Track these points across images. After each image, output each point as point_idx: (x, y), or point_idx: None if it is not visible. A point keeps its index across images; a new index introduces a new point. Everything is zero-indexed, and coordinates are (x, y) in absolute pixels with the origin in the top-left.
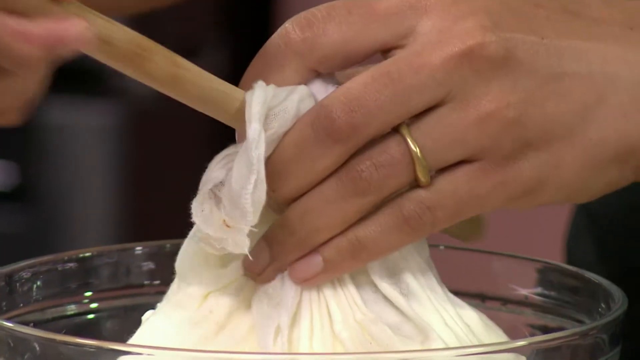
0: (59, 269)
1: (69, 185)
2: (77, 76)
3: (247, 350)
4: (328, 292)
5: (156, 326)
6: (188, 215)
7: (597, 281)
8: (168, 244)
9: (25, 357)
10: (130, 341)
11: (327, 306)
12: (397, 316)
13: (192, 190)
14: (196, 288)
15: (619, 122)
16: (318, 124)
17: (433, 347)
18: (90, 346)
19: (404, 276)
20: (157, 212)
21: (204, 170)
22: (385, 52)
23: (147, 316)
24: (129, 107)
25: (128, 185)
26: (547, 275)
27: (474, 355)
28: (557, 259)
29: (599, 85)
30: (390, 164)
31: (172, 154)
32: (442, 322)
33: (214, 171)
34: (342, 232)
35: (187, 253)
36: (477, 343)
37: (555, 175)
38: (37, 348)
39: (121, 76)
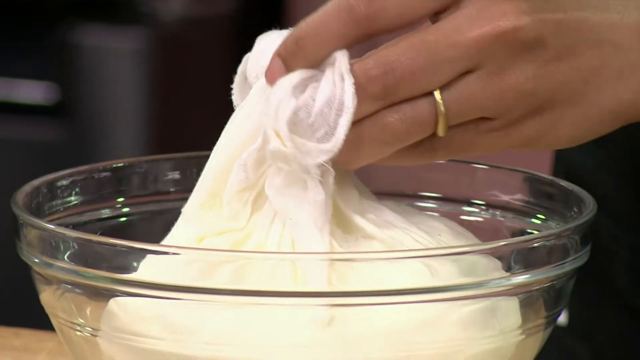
0: (95, 177)
1: (104, 102)
2: (111, 4)
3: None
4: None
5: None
6: (208, 130)
7: (570, 188)
8: (191, 155)
9: (66, 255)
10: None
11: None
12: (372, 246)
13: (212, 107)
14: (194, 230)
15: (616, 85)
16: (357, 80)
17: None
18: (122, 246)
19: (369, 216)
20: (182, 127)
21: (224, 91)
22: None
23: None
24: (157, 31)
25: (156, 103)
26: (525, 183)
27: (456, 255)
28: (545, 168)
29: (605, 52)
30: (417, 120)
31: (195, 74)
32: (412, 240)
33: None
34: None
35: (195, 200)
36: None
37: (552, 132)
38: (76, 247)
39: (150, 4)
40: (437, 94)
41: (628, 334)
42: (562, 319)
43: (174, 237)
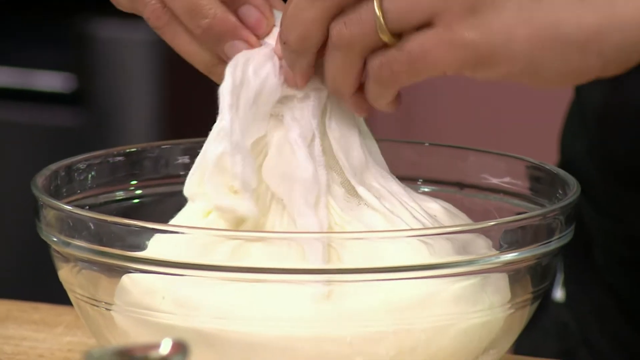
0: (110, 161)
1: (118, 91)
2: None
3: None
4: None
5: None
6: (216, 116)
7: (555, 172)
8: (200, 141)
9: (82, 234)
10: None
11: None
12: (372, 217)
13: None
14: (202, 205)
15: (574, 5)
16: None
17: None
18: (134, 226)
19: (373, 184)
20: (192, 114)
21: None
22: None
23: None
24: None
25: (168, 91)
26: (514, 167)
27: (448, 234)
28: (552, 154)
29: None
30: (357, 22)
31: None
32: (410, 216)
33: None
34: None
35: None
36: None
37: (507, 46)
38: (92, 227)
39: None
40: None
41: (607, 308)
42: (558, 295)
43: (184, 212)
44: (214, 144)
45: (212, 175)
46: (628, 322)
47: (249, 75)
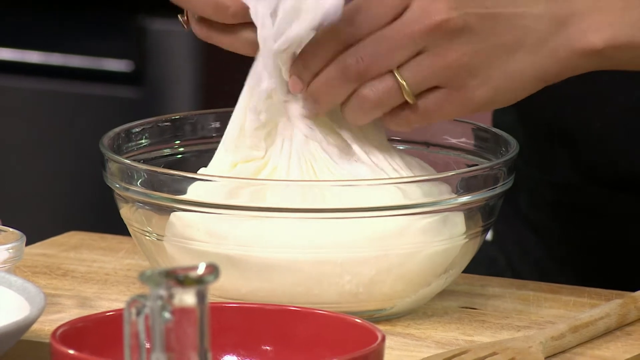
0: (159, 126)
1: (167, 71)
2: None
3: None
4: (311, 156)
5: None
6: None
7: (499, 134)
8: (228, 110)
9: (138, 182)
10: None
11: (312, 166)
12: (360, 168)
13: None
14: (230, 158)
15: (533, 56)
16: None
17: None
18: (177, 175)
19: (366, 142)
20: (225, 89)
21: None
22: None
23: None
24: None
25: (204, 72)
26: (468, 130)
27: (416, 182)
28: (487, 121)
29: (518, 32)
30: (384, 90)
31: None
32: (391, 168)
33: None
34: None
35: (231, 134)
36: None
37: (496, 96)
38: (145, 176)
39: None
40: (395, 71)
41: (528, 242)
42: (488, 235)
43: (215, 162)
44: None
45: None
46: (545, 251)
47: None
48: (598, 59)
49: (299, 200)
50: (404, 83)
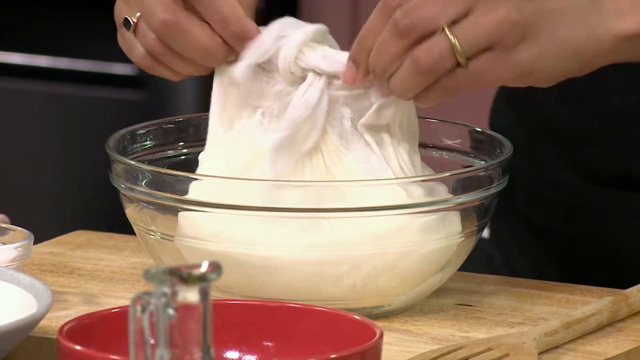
0: (163, 128)
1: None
2: None
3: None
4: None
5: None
6: None
7: (494, 136)
8: None
9: (143, 182)
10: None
11: (321, 151)
12: (369, 155)
13: None
14: (222, 152)
15: (572, 25)
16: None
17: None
18: (181, 175)
19: (384, 134)
20: None
21: None
22: None
23: (201, 157)
24: None
25: (205, 76)
26: (464, 132)
27: (415, 183)
28: (484, 123)
29: (562, 1)
30: (438, 50)
31: None
32: (397, 164)
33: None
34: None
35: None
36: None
37: (540, 63)
38: (149, 177)
39: None
40: (446, 28)
41: (525, 240)
42: (485, 233)
43: (208, 158)
44: None
45: None
46: (542, 249)
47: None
48: (631, 44)
49: (297, 200)
50: (456, 43)
